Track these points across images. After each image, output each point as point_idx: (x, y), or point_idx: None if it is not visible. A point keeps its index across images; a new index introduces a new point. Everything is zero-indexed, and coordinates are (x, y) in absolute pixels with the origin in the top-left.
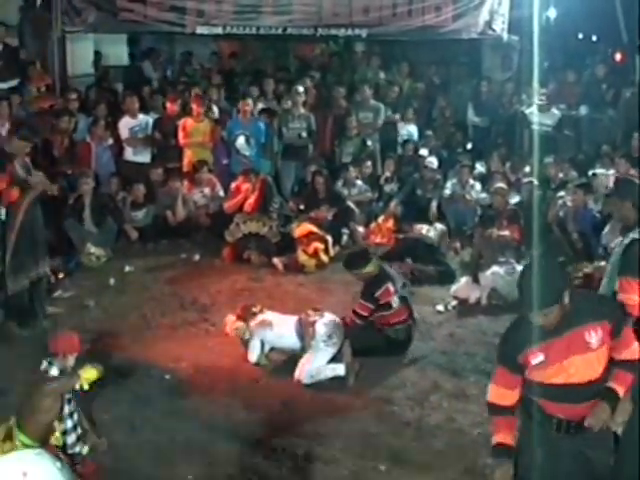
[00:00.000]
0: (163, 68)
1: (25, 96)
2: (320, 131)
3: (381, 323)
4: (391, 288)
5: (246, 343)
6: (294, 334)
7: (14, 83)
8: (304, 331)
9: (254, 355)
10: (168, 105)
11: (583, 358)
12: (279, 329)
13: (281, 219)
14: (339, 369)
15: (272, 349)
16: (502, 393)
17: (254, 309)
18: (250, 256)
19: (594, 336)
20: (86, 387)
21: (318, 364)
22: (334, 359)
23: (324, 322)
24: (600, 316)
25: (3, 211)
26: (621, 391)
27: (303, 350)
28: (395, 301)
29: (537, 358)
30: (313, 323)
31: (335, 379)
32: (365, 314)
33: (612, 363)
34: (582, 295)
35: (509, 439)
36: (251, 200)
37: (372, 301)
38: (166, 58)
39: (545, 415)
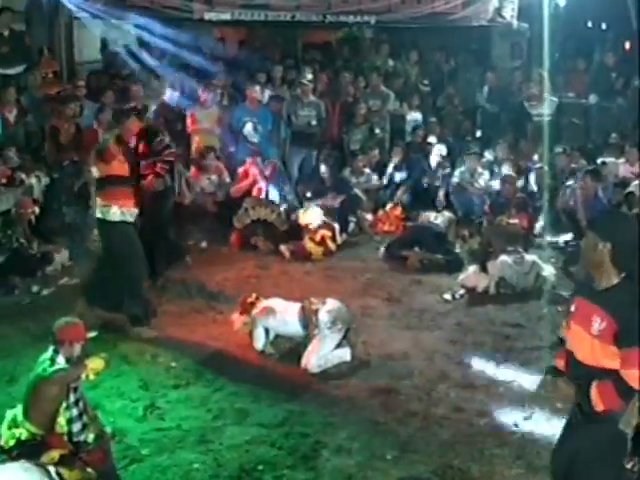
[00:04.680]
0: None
1: (31, 82)
2: (328, 118)
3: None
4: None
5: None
6: (297, 321)
7: (21, 69)
8: (307, 319)
9: (259, 343)
10: None
11: (583, 334)
12: (282, 316)
13: (289, 206)
14: (345, 355)
15: (277, 337)
16: None
17: (249, 299)
18: (257, 242)
19: (598, 322)
20: (92, 377)
21: (324, 352)
22: (339, 345)
23: (327, 309)
24: (610, 308)
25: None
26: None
27: (307, 338)
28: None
29: (573, 306)
30: (316, 311)
31: (343, 367)
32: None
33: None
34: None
35: None
36: (261, 185)
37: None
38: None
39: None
